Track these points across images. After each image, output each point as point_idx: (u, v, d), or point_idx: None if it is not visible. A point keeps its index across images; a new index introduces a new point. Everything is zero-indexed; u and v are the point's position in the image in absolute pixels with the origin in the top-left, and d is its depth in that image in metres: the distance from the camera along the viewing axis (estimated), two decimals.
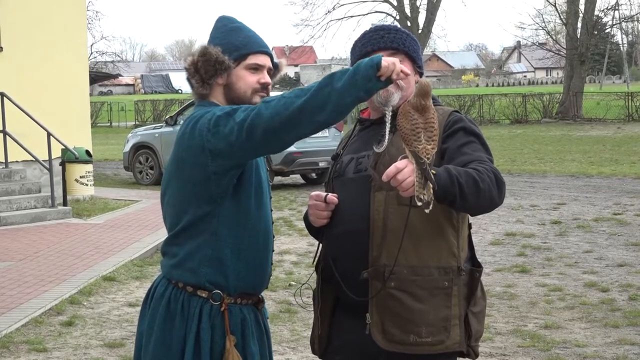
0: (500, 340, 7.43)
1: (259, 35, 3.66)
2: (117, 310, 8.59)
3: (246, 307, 3.55)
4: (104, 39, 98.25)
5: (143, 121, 49.71)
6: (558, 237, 12.44)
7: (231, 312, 3.49)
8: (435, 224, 3.38)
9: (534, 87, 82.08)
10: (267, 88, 3.57)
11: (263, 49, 3.61)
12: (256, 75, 3.57)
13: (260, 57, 3.59)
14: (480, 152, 3.41)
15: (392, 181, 3.11)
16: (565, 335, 7.56)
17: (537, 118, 45.02)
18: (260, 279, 3.60)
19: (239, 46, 3.57)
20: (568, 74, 47.76)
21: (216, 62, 3.52)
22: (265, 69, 3.59)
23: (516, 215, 14.55)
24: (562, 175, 20.69)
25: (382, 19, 50.68)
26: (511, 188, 18.14)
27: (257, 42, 3.61)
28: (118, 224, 13.78)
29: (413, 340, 3.36)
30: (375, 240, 3.38)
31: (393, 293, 3.36)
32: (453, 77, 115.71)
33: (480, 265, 3.54)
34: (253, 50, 3.58)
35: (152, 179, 20.38)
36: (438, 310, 3.38)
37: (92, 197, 16.35)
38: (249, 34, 3.62)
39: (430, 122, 3.20)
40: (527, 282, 9.67)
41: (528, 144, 30.98)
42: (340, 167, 3.61)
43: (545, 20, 56.49)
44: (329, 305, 3.63)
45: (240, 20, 3.70)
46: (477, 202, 3.25)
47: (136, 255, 11.11)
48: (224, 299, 3.47)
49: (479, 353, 3.58)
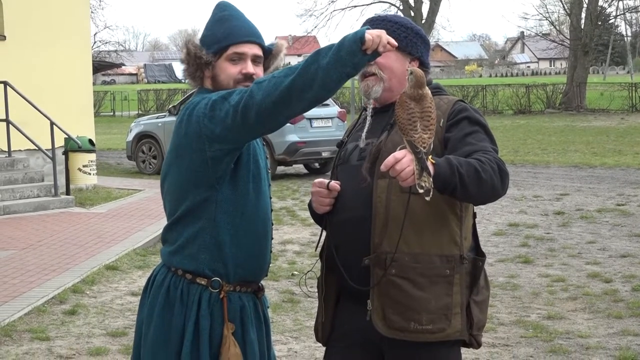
0: (503, 331, 7.43)
1: (248, 23, 3.61)
2: (120, 300, 8.59)
3: (245, 295, 3.56)
4: (107, 28, 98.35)
5: (146, 110, 49.71)
6: (561, 227, 12.42)
7: (230, 300, 3.50)
8: (438, 212, 3.38)
9: (538, 77, 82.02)
10: (252, 78, 3.51)
11: (245, 39, 3.56)
12: (238, 66, 3.54)
13: (242, 46, 3.54)
14: (485, 142, 3.39)
15: (390, 171, 3.11)
16: (568, 325, 7.55)
17: (541, 109, 44.95)
18: (260, 266, 3.61)
19: (220, 38, 3.56)
20: (572, 65, 47.68)
21: (195, 57, 3.55)
22: (248, 58, 3.55)
23: (519, 205, 14.54)
24: (566, 165, 20.67)
25: (386, 9, 50.59)
26: (514, 178, 18.13)
27: (240, 32, 3.57)
28: (121, 213, 13.78)
29: (413, 327, 3.37)
30: (377, 228, 3.39)
31: (394, 280, 3.37)
32: (456, 67, 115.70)
33: (484, 255, 3.54)
34: (234, 41, 3.54)
35: (155, 168, 20.38)
36: (439, 298, 3.38)
37: (95, 186, 16.35)
38: (234, 24, 3.58)
39: (426, 111, 3.19)
40: (530, 272, 9.66)
41: (531, 135, 30.95)
42: (344, 154, 3.61)
43: (549, 10, 56.70)
44: (333, 292, 3.64)
45: (233, 7, 3.65)
46: (479, 192, 3.24)
47: (139, 244, 11.10)
48: (223, 286, 3.48)
49: (482, 343, 3.58)
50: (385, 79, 3.50)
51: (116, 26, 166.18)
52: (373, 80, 3.48)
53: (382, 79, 3.49)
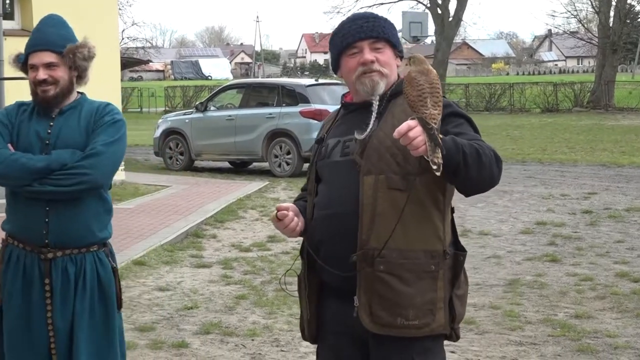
0: (530, 329, 7.41)
1: (44, 32, 4.24)
2: (148, 295, 8.64)
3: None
4: (135, 25, 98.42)
5: (173, 107, 49.85)
6: (589, 226, 12.36)
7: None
8: (423, 208, 3.43)
9: (565, 75, 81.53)
10: (42, 83, 4.15)
11: (34, 48, 4.20)
12: (33, 73, 4.19)
13: (34, 56, 4.19)
14: (474, 133, 3.47)
15: (403, 139, 3.15)
16: (596, 325, 7.52)
17: (568, 107, 44.73)
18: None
19: (25, 49, 4.25)
20: (600, 63, 47.43)
21: (13, 64, 4.28)
22: (39, 66, 4.16)
23: (547, 204, 14.48)
24: (593, 164, 20.55)
25: (413, 7, 50.49)
26: (542, 177, 18.07)
27: (31, 43, 4.21)
28: (148, 208, 13.85)
29: (400, 322, 3.41)
30: (365, 224, 3.42)
31: (381, 276, 3.40)
32: (483, 65, 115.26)
33: (464, 250, 3.59)
34: (28, 51, 4.22)
35: (182, 165, 20.45)
36: (425, 294, 3.43)
37: (122, 182, 16.44)
38: (33, 36, 4.25)
39: (435, 86, 3.28)
40: (558, 271, 9.62)
41: (559, 133, 30.78)
42: (325, 150, 3.64)
43: (577, 8, 56.26)
44: (316, 289, 3.67)
45: (49, 19, 4.33)
46: (479, 175, 3.29)
47: (166, 240, 11.15)
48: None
49: (460, 335, 3.65)
50: (387, 74, 3.56)
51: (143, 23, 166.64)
52: (378, 76, 3.53)
53: (385, 75, 3.55)
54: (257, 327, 7.49)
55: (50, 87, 4.17)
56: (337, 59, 3.65)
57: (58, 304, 4.16)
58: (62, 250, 4.17)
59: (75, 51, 4.21)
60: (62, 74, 4.19)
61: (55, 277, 4.16)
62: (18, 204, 4.20)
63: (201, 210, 13.69)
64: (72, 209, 4.15)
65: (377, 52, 3.55)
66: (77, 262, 4.20)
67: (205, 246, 11.22)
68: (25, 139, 4.19)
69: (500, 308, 8.06)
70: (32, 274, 4.17)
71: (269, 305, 8.15)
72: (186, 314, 7.94)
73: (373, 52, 3.54)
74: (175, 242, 11.22)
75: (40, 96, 4.19)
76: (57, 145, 4.16)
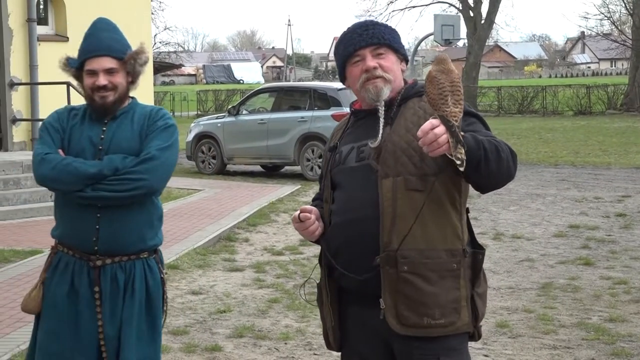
0: (564, 333, 7.38)
1: (100, 37, 4.21)
2: (181, 298, 8.68)
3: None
4: (167, 30, 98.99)
5: (205, 111, 49.99)
6: (623, 229, 12.29)
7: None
8: (441, 207, 3.48)
9: (598, 78, 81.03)
10: (102, 89, 4.14)
11: (92, 54, 4.17)
12: (91, 79, 4.16)
13: (92, 62, 4.17)
14: (486, 131, 3.52)
15: (426, 138, 3.20)
16: (630, 328, 7.47)
17: (602, 109, 44.40)
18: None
19: (79, 54, 4.22)
20: (633, 65, 47.02)
21: (64, 68, 4.27)
22: (99, 72, 4.14)
23: (580, 207, 14.40)
24: (627, 167, 20.40)
25: (445, 9, 50.37)
26: (575, 180, 17.98)
27: (89, 49, 4.19)
28: (181, 212, 13.91)
29: (427, 322, 3.45)
30: (386, 226, 3.46)
31: (406, 277, 3.44)
32: (515, 67, 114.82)
33: (482, 248, 3.63)
34: (85, 57, 4.19)
35: (214, 169, 20.51)
36: (448, 292, 3.46)
37: None
38: (88, 41, 4.23)
39: (456, 84, 3.32)
40: (591, 274, 9.57)
41: (592, 136, 30.56)
42: (340, 157, 3.66)
43: (611, 10, 55.71)
44: (336, 297, 3.69)
45: (101, 23, 4.32)
46: (498, 170, 3.35)
47: (199, 243, 11.20)
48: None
49: (482, 334, 3.68)
50: (391, 80, 3.59)
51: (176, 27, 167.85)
52: (382, 82, 3.57)
53: (388, 80, 3.58)
54: (290, 331, 7.51)
55: (109, 92, 4.15)
56: (342, 68, 3.70)
57: (107, 312, 4.13)
58: (111, 258, 4.13)
59: (136, 57, 4.22)
60: (120, 80, 4.19)
61: (104, 284, 4.13)
62: (68, 210, 4.15)
63: (233, 213, 13.74)
64: (124, 216, 4.11)
65: (380, 58, 3.59)
66: (127, 269, 4.18)
67: (238, 250, 11.26)
68: (78, 144, 4.16)
69: (533, 311, 8.03)
70: (80, 280, 4.14)
71: (302, 308, 8.16)
72: (219, 318, 7.98)
73: (375, 59, 3.59)
74: (207, 246, 11.26)
75: (98, 102, 4.16)
76: (110, 150, 4.13)
